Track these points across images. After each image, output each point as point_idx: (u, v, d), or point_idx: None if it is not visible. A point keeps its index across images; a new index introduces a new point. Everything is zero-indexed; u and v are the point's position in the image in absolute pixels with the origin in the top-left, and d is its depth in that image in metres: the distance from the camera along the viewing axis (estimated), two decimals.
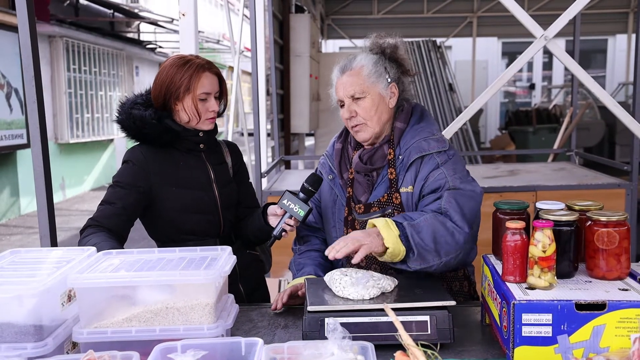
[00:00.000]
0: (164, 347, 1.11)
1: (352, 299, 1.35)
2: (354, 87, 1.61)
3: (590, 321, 1.13)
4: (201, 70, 1.71)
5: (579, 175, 3.77)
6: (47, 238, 1.70)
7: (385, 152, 1.65)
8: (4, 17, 7.08)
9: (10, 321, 1.14)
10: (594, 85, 2.40)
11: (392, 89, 1.65)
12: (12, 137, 7.55)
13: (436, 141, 1.61)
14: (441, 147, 1.60)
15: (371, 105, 1.62)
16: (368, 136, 1.65)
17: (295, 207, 1.59)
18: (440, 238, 1.47)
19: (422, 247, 1.45)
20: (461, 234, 1.49)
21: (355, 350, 1.09)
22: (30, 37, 1.65)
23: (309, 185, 1.62)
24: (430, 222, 1.48)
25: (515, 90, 15.14)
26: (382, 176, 1.65)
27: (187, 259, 1.35)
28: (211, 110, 1.74)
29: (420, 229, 1.46)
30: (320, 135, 7.06)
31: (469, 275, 1.74)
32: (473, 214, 1.54)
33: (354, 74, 1.62)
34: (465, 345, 1.34)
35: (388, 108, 1.65)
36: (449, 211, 1.51)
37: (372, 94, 1.62)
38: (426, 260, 1.47)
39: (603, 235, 1.24)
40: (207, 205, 1.78)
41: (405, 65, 1.68)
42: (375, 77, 1.62)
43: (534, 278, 1.22)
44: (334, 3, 9.09)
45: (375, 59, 1.65)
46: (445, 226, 1.49)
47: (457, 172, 1.58)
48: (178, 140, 1.76)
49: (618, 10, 9.48)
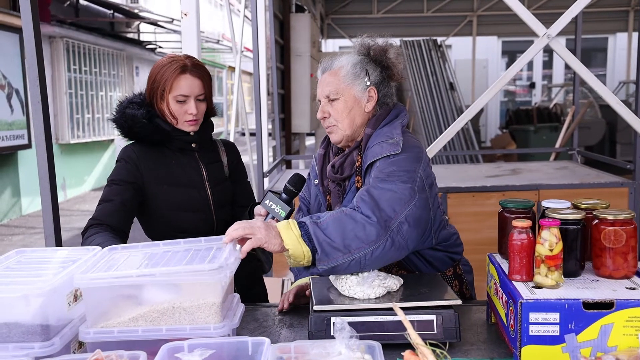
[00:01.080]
0: (171, 346, 1.11)
1: (358, 298, 1.35)
2: (329, 87, 1.57)
3: (598, 320, 1.13)
4: (180, 72, 1.69)
5: (582, 174, 3.77)
6: (52, 238, 1.70)
7: (354, 159, 1.59)
8: (5, 17, 7.08)
9: (18, 321, 1.14)
10: (597, 83, 2.40)
11: (371, 92, 1.58)
12: (13, 137, 7.54)
13: (390, 144, 1.50)
14: (393, 150, 1.48)
15: (344, 108, 1.56)
16: (339, 138, 1.59)
17: (276, 208, 1.56)
18: (350, 232, 1.35)
19: (327, 244, 1.33)
20: (372, 227, 1.35)
21: (363, 350, 1.09)
22: (35, 36, 1.65)
23: (291, 186, 1.58)
24: (337, 216, 1.37)
25: (515, 89, 15.14)
26: (350, 185, 1.60)
27: (192, 250, 1.35)
28: (189, 113, 1.71)
29: (326, 226, 1.35)
30: (321, 135, 7.05)
31: (461, 274, 1.70)
32: (388, 206, 1.39)
33: (333, 74, 1.58)
34: (471, 344, 1.34)
35: (363, 112, 1.58)
36: (360, 205, 1.39)
37: (346, 96, 1.56)
38: (333, 259, 1.34)
39: (610, 233, 1.24)
40: (200, 204, 1.79)
41: (392, 69, 1.60)
42: (352, 79, 1.56)
43: (540, 277, 1.21)
44: (333, 2, 9.10)
45: (357, 60, 1.58)
46: (354, 218, 1.36)
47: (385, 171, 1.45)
48: (169, 140, 1.76)
49: (618, 9, 9.48)
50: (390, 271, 1.58)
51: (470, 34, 9.94)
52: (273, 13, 5.34)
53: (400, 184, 1.44)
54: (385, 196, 1.40)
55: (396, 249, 1.40)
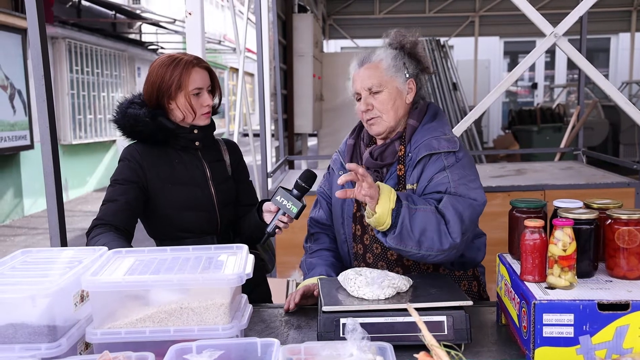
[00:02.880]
0: (179, 347, 1.10)
1: (367, 299, 1.33)
2: (371, 79, 1.61)
3: (613, 321, 1.11)
4: (190, 66, 1.72)
5: (587, 174, 3.75)
6: (57, 238, 1.68)
7: (396, 149, 1.64)
8: (7, 18, 7.08)
9: (24, 321, 1.12)
10: (604, 82, 2.38)
11: (410, 84, 1.64)
12: (15, 138, 7.54)
13: (447, 141, 1.59)
14: (451, 147, 1.58)
15: (388, 99, 1.61)
16: (382, 129, 1.64)
17: (288, 204, 1.58)
18: (429, 233, 1.45)
19: (407, 231, 1.44)
20: (448, 242, 1.47)
21: (374, 351, 1.07)
22: (40, 35, 1.64)
23: (303, 182, 1.60)
24: (428, 215, 1.46)
25: (517, 89, 15.12)
26: (390, 172, 1.64)
27: (204, 258, 1.33)
28: (206, 105, 1.75)
29: (415, 216, 1.44)
30: (323, 135, 7.04)
31: (479, 276, 1.73)
32: (470, 223, 1.50)
33: (373, 67, 1.62)
34: (482, 346, 1.32)
35: (404, 103, 1.65)
36: (446, 216, 1.48)
37: (390, 88, 1.61)
38: (404, 244, 1.45)
39: (624, 233, 1.22)
40: (203, 203, 1.78)
41: (424, 63, 1.68)
42: (394, 71, 1.62)
43: (554, 277, 1.20)
44: (335, 3, 9.08)
45: (395, 53, 1.64)
46: (438, 226, 1.46)
47: (463, 177, 1.55)
48: (173, 138, 1.76)
49: (621, 9, 9.45)
50: (410, 268, 1.63)
51: (472, 34, 9.91)
52: (276, 14, 5.32)
53: (479, 190, 1.55)
54: (468, 212, 1.50)
55: (454, 254, 1.51)
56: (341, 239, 1.73)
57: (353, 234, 1.69)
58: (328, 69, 6.84)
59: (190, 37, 2.84)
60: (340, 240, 1.74)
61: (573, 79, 13.87)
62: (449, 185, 1.53)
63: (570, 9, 2.40)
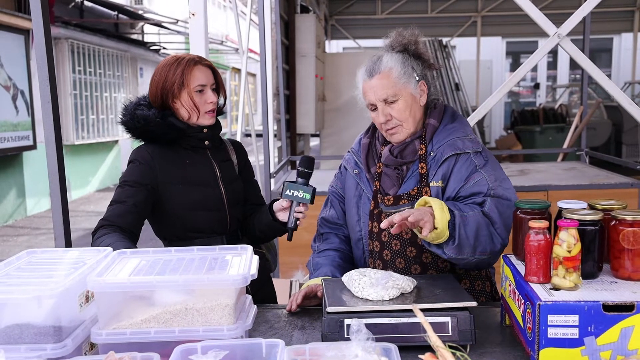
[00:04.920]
0: (184, 348, 1.10)
1: (371, 300, 1.33)
2: (385, 90, 1.60)
3: (618, 323, 1.11)
4: (192, 64, 1.73)
5: (591, 175, 3.75)
6: (62, 238, 1.69)
7: (416, 147, 1.65)
8: (10, 19, 7.09)
9: (30, 322, 1.13)
10: (608, 82, 2.38)
11: (422, 86, 1.65)
12: (18, 138, 7.56)
13: (471, 142, 1.63)
14: (475, 147, 1.62)
15: (405, 107, 1.62)
16: (404, 137, 1.65)
17: (300, 193, 1.61)
18: (482, 237, 1.49)
19: (464, 239, 1.47)
20: (499, 242, 1.52)
21: (379, 352, 1.07)
22: (45, 36, 1.64)
23: (304, 168, 1.63)
24: (477, 219, 1.50)
25: (519, 90, 15.10)
26: (412, 170, 1.65)
27: (209, 259, 1.33)
28: (209, 102, 1.75)
29: (468, 223, 1.48)
30: (326, 135, 7.04)
31: (491, 277, 1.74)
32: (510, 223, 1.54)
33: (384, 76, 1.61)
34: (486, 347, 1.32)
35: (420, 107, 1.66)
36: (492, 218, 1.53)
37: (405, 95, 1.61)
38: (462, 253, 1.48)
39: (629, 234, 1.22)
40: (214, 203, 1.78)
41: (428, 60, 1.68)
42: (406, 78, 1.61)
43: (558, 278, 1.20)
44: (337, 3, 9.08)
45: (401, 58, 1.63)
46: (488, 229, 1.51)
47: (498, 178, 1.59)
48: (183, 138, 1.76)
49: (624, 9, 9.44)
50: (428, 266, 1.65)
51: (474, 34, 9.90)
52: (279, 14, 5.33)
53: (511, 190, 1.59)
54: (507, 213, 1.54)
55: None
56: (356, 237, 1.73)
57: (369, 232, 1.69)
58: (330, 69, 6.84)
59: (194, 37, 2.85)
60: (354, 238, 1.74)
61: (575, 79, 13.85)
62: (488, 186, 1.56)
63: (573, 9, 2.40)
